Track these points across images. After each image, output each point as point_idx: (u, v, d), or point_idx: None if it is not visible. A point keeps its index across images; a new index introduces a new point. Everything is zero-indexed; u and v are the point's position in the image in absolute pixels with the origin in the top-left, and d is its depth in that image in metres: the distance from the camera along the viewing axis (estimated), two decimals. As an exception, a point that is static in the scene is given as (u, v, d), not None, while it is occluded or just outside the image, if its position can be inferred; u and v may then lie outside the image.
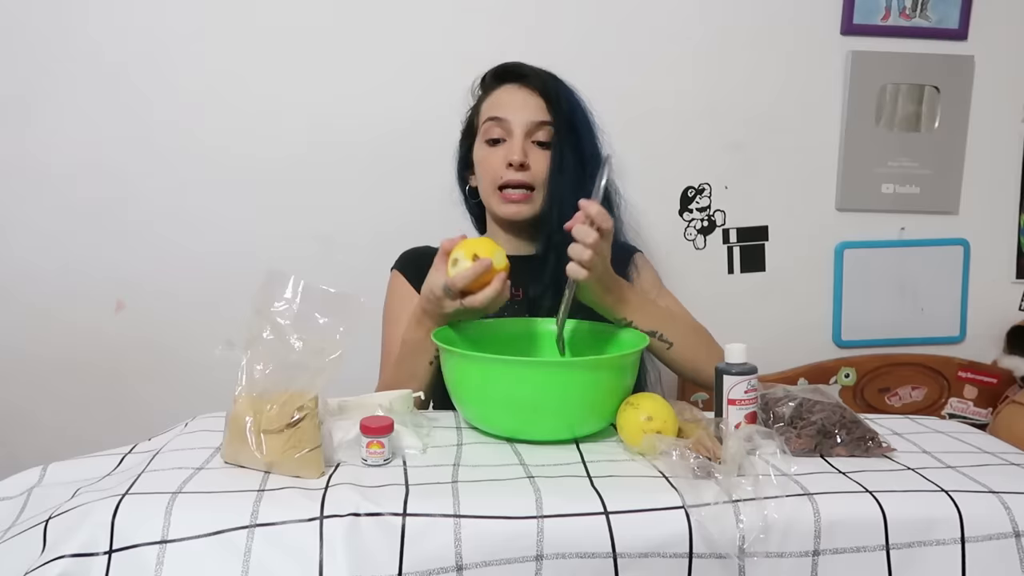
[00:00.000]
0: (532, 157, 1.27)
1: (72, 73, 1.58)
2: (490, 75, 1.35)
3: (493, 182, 1.28)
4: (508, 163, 1.25)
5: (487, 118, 1.30)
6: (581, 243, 1.02)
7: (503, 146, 1.28)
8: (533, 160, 1.27)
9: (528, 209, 1.28)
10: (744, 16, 1.69)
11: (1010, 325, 1.81)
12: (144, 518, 0.74)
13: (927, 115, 1.75)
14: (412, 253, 1.38)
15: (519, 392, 0.93)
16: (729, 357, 0.95)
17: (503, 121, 1.28)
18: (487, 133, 1.30)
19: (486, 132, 1.30)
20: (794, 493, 0.79)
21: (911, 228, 1.79)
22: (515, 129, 1.27)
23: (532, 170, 1.26)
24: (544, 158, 1.27)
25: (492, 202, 1.30)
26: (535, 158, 1.27)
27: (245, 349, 0.88)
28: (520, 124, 1.27)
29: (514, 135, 1.27)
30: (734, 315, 1.73)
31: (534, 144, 1.27)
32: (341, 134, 1.64)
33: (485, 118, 1.30)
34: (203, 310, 1.63)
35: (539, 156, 1.27)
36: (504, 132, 1.28)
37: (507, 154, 1.26)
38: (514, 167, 1.25)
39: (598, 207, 1.04)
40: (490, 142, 1.29)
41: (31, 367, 1.64)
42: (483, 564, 0.73)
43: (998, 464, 0.91)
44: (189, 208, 1.63)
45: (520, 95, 1.30)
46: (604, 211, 1.04)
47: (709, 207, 1.75)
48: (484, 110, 1.32)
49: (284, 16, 1.60)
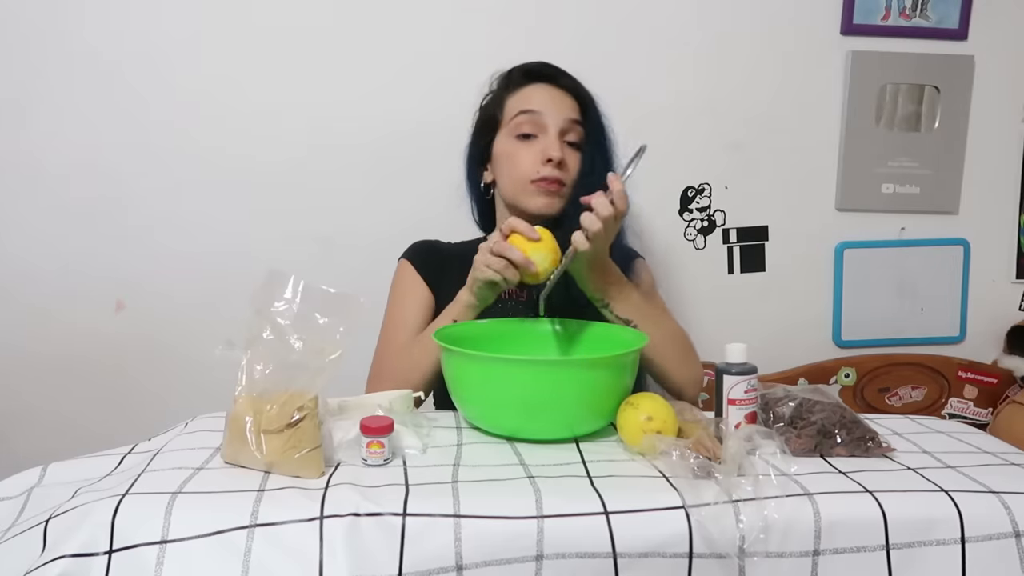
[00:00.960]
0: (566, 156, 1.26)
1: (71, 74, 1.58)
2: (519, 72, 1.33)
3: (525, 176, 1.25)
4: (547, 159, 1.23)
5: (519, 111, 1.27)
6: (596, 214, 1.04)
7: (536, 142, 1.26)
8: (567, 159, 1.26)
9: (558, 203, 1.26)
10: (744, 16, 1.69)
11: (1010, 325, 1.81)
12: (144, 518, 0.74)
13: (927, 115, 1.75)
14: (422, 244, 1.38)
15: (519, 390, 0.93)
16: (729, 357, 0.95)
17: (538, 115, 1.26)
18: (518, 127, 1.27)
19: (517, 126, 1.27)
20: (794, 493, 0.79)
21: (911, 228, 1.79)
22: (550, 125, 1.25)
23: (568, 167, 1.26)
24: (575, 159, 1.27)
25: (522, 195, 1.27)
26: (568, 156, 1.26)
27: (245, 349, 0.88)
28: (555, 121, 1.25)
29: (548, 132, 1.25)
30: (734, 315, 1.73)
31: (565, 144, 1.26)
32: (341, 136, 1.64)
33: (516, 111, 1.27)
34: (203, 310, 1.63)
35: (571, 155, 1.26)
36: (537, 128, 1.26)
37: (544, 150, 1.24)
38: (553, 163, 1.23)
39: (622, 186, 1.05)
40: (521, 137, 1.27)
41: (31, 367, 1.64)
42: (483, 564, 0.73)
43: (998, 464, 0.91)
44: (189, 209, 1.63)
45: (553, 93, 1.28)
46: (625, 193, 1.06)
47: (709, 207, 1.75)
48: (513, 104, 1.29)
49: (282, 17, 1.60)
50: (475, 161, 1.37)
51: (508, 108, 1.30)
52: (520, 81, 1.31)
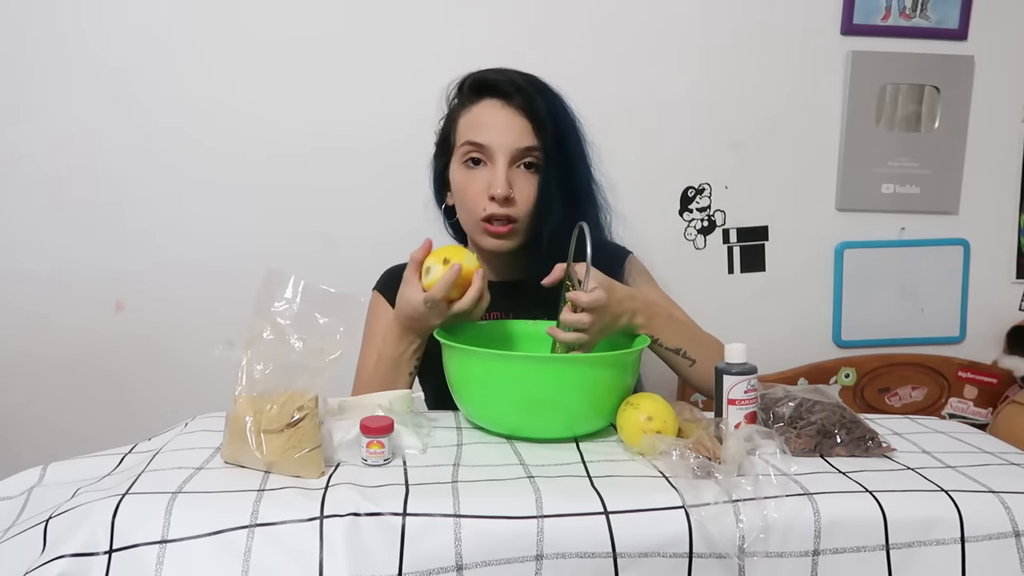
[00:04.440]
0: (517, 185, 1.14)
1: (70, 76, 1.58)
2: (468, 85, 1.21)
3: (473, 212, 1.16)
4: (491, 196, 1.14)
5: (465, 141, 1.17)
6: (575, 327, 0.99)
7: (484, 171, 1.16)
8: (518, 189, 1.15)
9: (512, 242, 1.18)
10: (744, 16, 1.69)
11: (1010, 325, 1.81)
12: (144, 518, 0.74)
13: (927, 115, 1.75)
14: (393, 271, 1.31)
15: (520, 388, 0.93)
16: (729, 357, 0.95)
17: (484, 147, 1.15)
18: (466, 154, 1.17)
19: (464, 154, 1.17)
20: (794, 493, 0.79)
21: (911, 228, 1.79)
22: (498, 157, 1.14)
23: (517, 202, 1.15)
24: (530, 184, 1.15)
25: (474, 233, 1.20)
26: (520, 185, 1.15)
27: (245, 349, 0.88)
28: (504, 151, 1.14)
29: (496, 163, 1.14)
30: (734, 315, 1.73)
31: (520, 168, 1.16)
32: (342, 139, 1.63)
33: (463, 140, 1.17)
34: (203, 310, 1.63)
35: (524, 182, 1.15)
36: (486, 155, 1.15)
37: (490, 184, 1.14)
38: (497, 201, 1.13)
39: (589, 298, 0.98)
40: (470, 163, 1.17)
41: (31, 366, 1.64)
42: (483, 564, 0.73)
43: (998, 464, 0.91)
44: (189, 210, 1.63)
45: (503, 115, 1.15)
46: (594, 297, 0.98)
47: (709, 207, 1.75)
48: (462, 129, 1.19)
49: (285, 19, 1.60)
50: (439, 182, 1.28)
51: (459, 132, 1.19)
52: (470, 97, 1.20)
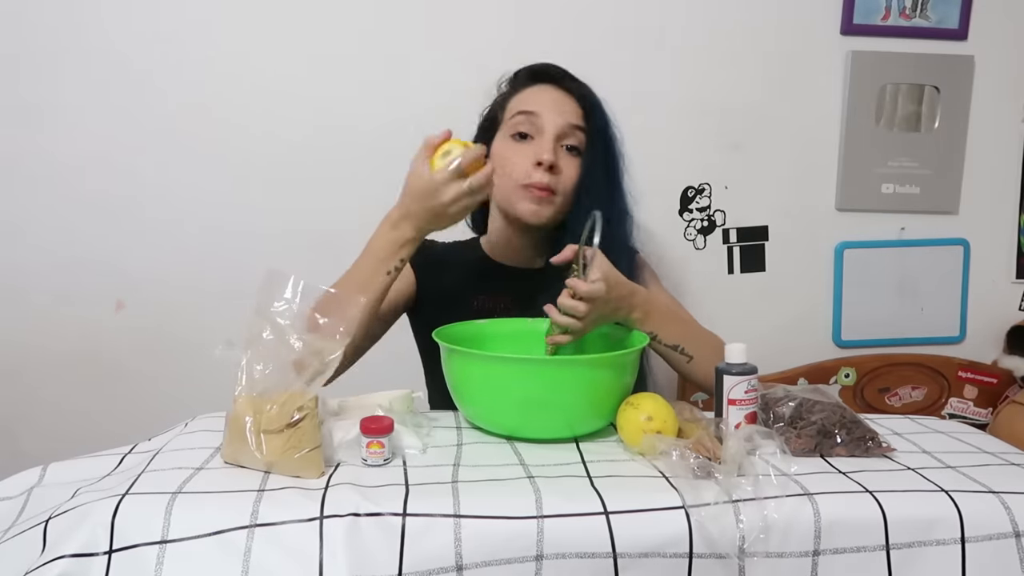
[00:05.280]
0: (561, 162, 1.20)
1: (82, 73, 1.58)
2: (524, 72, 1.29)
3: (516, 179, 1.20)
4: (537, 162, 1.18)
5: (517, 112, 1.23)
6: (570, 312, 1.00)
7: (531, 144, 1.21)
8: (563, 165, 1.20)
9: (548, 211, 1.21)
10: (744, 16, 1.69)
11: (1010, 325, 1.81)
12: (144, 518, 0.74)
13: (927, 115, 1.75)
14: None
15: (520, 389, 0.93)
16: (729, 357, 0.95)
17: (535, 116, 1.20)
18: (515, 127, 1.22)
19: (514, 126, 1.22)
20: (794, 493, 0.79)
21: (911, 228, 1.79)
22: (547, 128, 1.20)
23: (560, 175, 1.20)
24: (572, 165, 1.21)
25: (512, 199, 1.22)
26: (564, 163, 1.21)
27: (245, 349, 0.88)
28: (553, 124, 1.20)
29: (545, 134, 1.20)
30: (734, 315, 1.73)
31: (563, 149, 1.21)
32: (345, 135, 1.64)
33: (514, 112, 1.23)
34: (203, 310, 1.63)
35: (568, 162, 1.21)
36: (534, 129, 1.21)
37: (536, 152, 1.18)
38: (543, 167, 1.18)
39: (587, 288, 0.99)
40: (517, 136, 1.22)
41: (31, 366, 1.64)
42: (483, 564, 0.73)
43: (998, 464, 0.91)
44: (189, 209, 1.63)
45: (556, 95, 1.23)
46: (593, 288, 0.99)
47: (709, 207, 1.75)
48: (513, 105, 1.25)
49: (291, 18, 1.60)
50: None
51: (509, 108, 1.26)
52: (524, 82, 1.28)
